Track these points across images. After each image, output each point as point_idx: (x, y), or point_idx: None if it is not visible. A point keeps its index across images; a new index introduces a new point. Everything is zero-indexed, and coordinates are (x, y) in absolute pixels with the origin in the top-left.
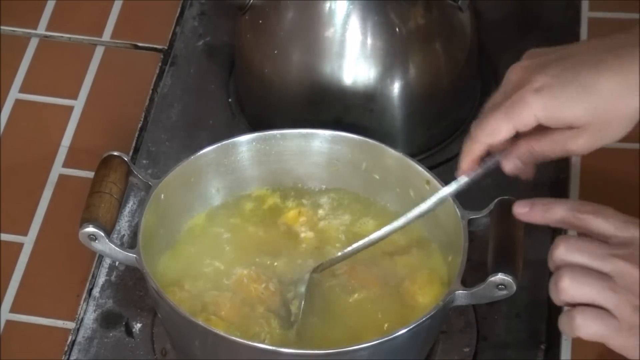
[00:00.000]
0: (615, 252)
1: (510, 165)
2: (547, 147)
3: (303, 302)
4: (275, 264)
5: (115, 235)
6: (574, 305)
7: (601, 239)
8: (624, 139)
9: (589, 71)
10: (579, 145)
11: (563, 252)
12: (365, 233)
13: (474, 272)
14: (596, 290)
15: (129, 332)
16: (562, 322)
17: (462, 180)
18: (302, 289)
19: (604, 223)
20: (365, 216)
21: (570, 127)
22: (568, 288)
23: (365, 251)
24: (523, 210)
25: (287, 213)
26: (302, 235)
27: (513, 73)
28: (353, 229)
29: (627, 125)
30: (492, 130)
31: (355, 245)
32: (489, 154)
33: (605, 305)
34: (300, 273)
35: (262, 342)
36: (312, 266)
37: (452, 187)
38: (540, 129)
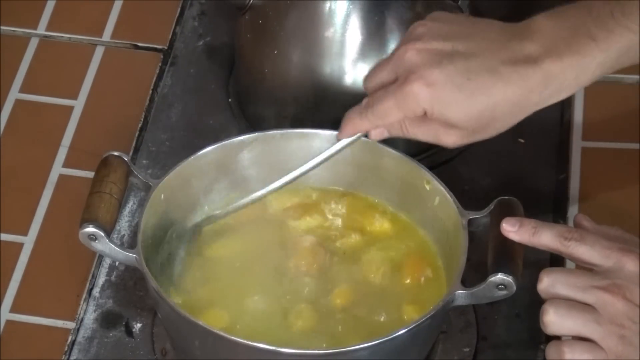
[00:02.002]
0: (597, 283)
1: (378, 135)
2: (420, 133)
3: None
4: (275, 263)
5: (115, 235)
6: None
7: (587, 267)
8: (624, 139)
9: (480, 81)
10: (450, 140)
11: (546, 285)
12: (364, 233)
13: (474, 272)
14: (580, 322)
15: (129, 332)
16: (551, 354)
17: (345, 141)
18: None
19: (588, 251)
20: (366, 216)
21: (446, 123)
22: (552, 322)
23: (365, 251)
24: (511, 229)
25: (287, 213)
26: (302, 235)
27: (405, 52)
28: (353, 229)
29: (497, 133)
30: (383, 115)
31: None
32: None
33: (590, 337)
34: (299, 272)
35: (262, 342)
36: (312, 265)
37: (339, 146)
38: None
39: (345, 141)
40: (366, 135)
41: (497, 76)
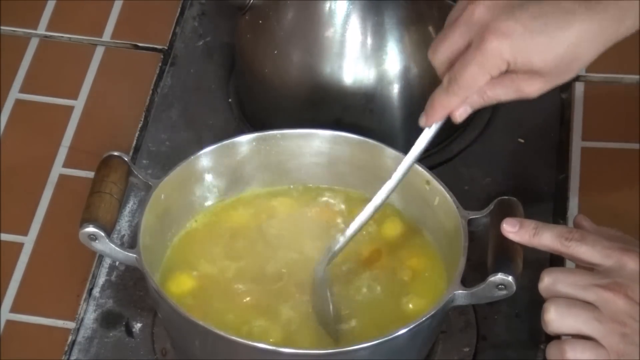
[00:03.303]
0: (598, 281)
1: (462, 113)
2: (501, 92)
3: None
4: (275, 263)
5: (115, 235)
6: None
7: (588, 267)
8: (624, 139)
9: (557, 21)
10: (534, 88)
11: (547, 284)
12: (364, 233)
13: (474, 272)
14: (581, 321)
15: (129, 332)
16: (552, 353)
17: (432, 129)
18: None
19: (589, 251)
20: None
21: (529, 72)
22: (553, 321)
23: (364, 250)
24: (511, 229)
25: (288, 213)
26: (302, 234)
27: (474, 10)
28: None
29: (579, 70)
30: (471, 83)
31: (353, 228)
32: None
33: (592, 335)
34: (301, 272)
35: (262, 342)
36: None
37: (428, 135)
38: None
39: (433, 128)
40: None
41: (571, 14)
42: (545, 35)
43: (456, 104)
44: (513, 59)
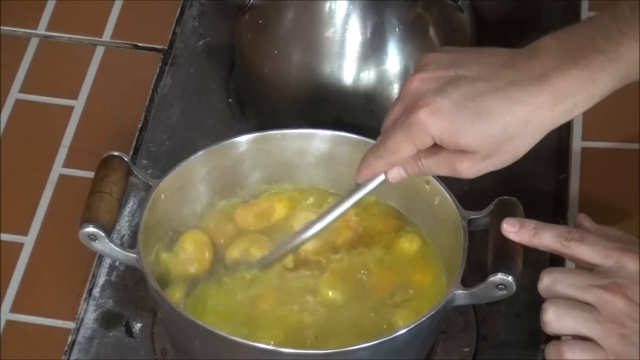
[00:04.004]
0: (597, 282)
1: (395, 175)
2: (435, 166)
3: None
4: (274, 262)
5: (115, 235)
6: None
7: (589, 267)
8: (624, 139)
9: (488, 102)
10: (465, 167)
11: (547, 284)
12: (364, 233)
13: (474, 272)
14: (580, 322)
15: (129, 332)
16: (550, 354)
17: (370, 185)
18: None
19: (588, 251)
20: (366, 216)
21: (461, 150)
22: (552, 321)
23: (365, 250)
24: (512, 229)
25: (287, 213)
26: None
27: (411, 83)
28: (353, 229)
29: (515, 157)
30: (395, 150)
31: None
32: None
33: (590, 336)
34: (297, 274)
35: (262, 342)
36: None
37: (358, 195)
38: (433, 146)
39: (367, 187)
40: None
41: (504, 96)
42: (472, 115)
43: (382, 167)
44: (438, 135)
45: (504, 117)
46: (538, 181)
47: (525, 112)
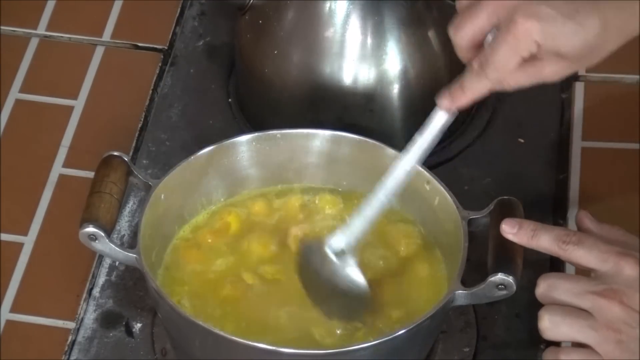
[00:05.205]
0: (593, 288)
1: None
2: (523, 77)
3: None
4: (274, 263)
5: (115, 235)
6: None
7: (586, 270)
8: (624, 139)
9: (587, 8)
10: (555, 72)
11: (543, 291)
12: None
13: (474, 272)
14: (575, 329)
15: (129, 332)
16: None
17: (448, 116)
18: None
19: (585, 255)
20: None
21: (554, 55)
22: (548, 329)
23: (364, 250)
24: (510, 230)
25: (287, 213)
26: (302, 234)
27: None
28: None
29: (597, 60)
30: (504, 65)
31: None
32: None
33: (586, 342)
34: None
35: (262, 342)
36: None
37: (437, 126)
38: None
39: (444, 120)
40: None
41: (601, 3)
42: (575, 20)
43: (487, 87)
44: (543, 41)
45: (602, 25)
46: (538, 181)
47: (619, 19)
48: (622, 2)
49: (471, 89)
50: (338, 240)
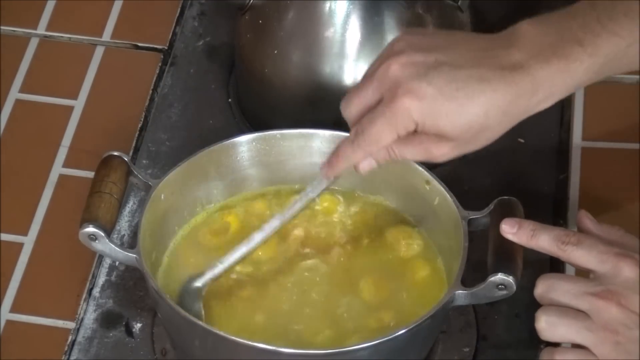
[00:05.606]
0: (591, 289)
1: (366, 165)
2: (409, 151)
3: None
4: (274, 263)
5: (115, 235)
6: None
7: (586, 271)
8: (624, 139)
9: (470, 89)
10: (441, 152)
11: (541, 291)
12: (364, 233)
13: (474, 272)
14: (572, 330)
15: (129, 332)
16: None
17: (326, 182)
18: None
19: (584, 256)
20: (366, 216)
21: (437, 136)
22: (544, 329)
23: (364, 251)
24: (510, 230)
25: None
26: (302, 234)
27: (387, 67)
28: (353, 229)
29: (487, 143)
30: (377, 138)
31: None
32: None
33: (583, 344)
34: (297, 272)
35: (262, 342)
36: (309, 264)
37: (320, 187)
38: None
39: (325, 182)
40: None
41: (485, 84)
42: (456, 101)
43: (360, 157)
44: (422, 121)
45: (485, 105)
46: (538, 181)
47: (505, 99)
48: (505, 82)
49: (345, 157)
50: (201, 280)
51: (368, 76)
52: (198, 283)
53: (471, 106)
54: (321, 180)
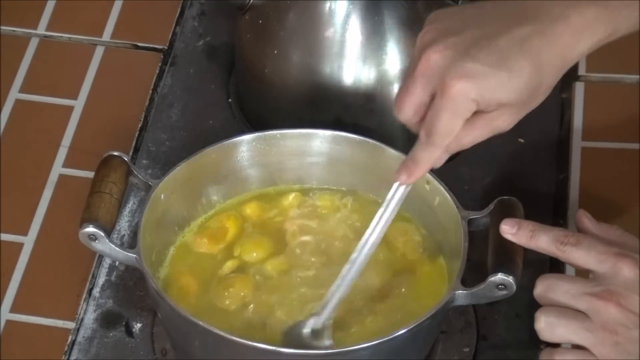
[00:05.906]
0: (590, 289)
1: (440, 160)
2: (477, 133)
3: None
4: (274, 263)
5: (115, 235)
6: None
7: (586, 271)
8: (624, 139)
9: (514, 53)
10: (507, 121)
11: (541, 292)
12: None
13: (474, 272)
14: (571, 330)
15: (129, 332)
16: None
17: (404, 189)
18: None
19: (583, 256)
20: (366, 216)
21: (498, 107)
22: (544, 330)
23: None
24: (510, 230)
25: (287, 213)
26: (302, 234)
27: (428, 59)
28: (353, 229)
29: (545, 96)
30: (448, 130)
31: (347, 277)
32: None
33: (582, 344)
34: (297, 274)
35: (262, 342)
36: (308, 263)
37: (401, 196)
38: None
39: (404, 189)
40: None
41: (527, 44)
42: (505, 69)
43: (438, 154)
44: (480, 98)
45: (533, 65)
46: (538, 181)
47: (550, 55)
48: (548, 37)
49: (425, 160)
50: (314, 323)
51: (410, 75)
52: (317, 325)
53: (521, 70)
54: (397, 188)
